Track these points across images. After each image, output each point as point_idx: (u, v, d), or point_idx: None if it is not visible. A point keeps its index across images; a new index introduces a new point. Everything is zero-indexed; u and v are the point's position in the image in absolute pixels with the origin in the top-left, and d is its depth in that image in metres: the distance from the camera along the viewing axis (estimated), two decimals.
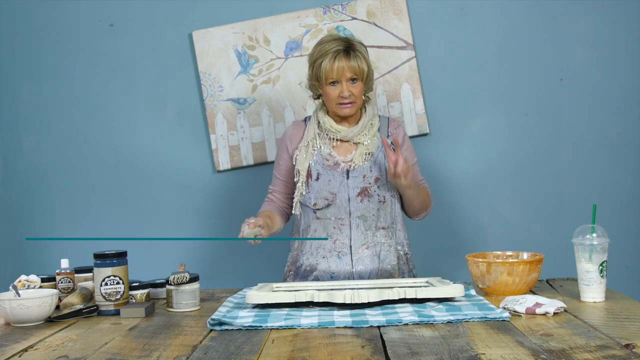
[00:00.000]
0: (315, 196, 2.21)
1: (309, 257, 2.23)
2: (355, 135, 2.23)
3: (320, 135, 2.26)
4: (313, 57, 2.21)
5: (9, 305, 1.72)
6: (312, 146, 2.25)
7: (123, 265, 1.89)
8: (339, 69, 2.15)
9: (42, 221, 2.87)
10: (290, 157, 2.29)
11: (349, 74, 2.16)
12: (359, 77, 2.18)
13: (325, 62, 2.16)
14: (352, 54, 2.17)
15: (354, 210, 2.20)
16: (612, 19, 2.78)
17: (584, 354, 1.32)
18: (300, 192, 2.23)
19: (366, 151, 2.22)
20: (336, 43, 2.18)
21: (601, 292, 1.81)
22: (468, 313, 1.65)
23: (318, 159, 2.23)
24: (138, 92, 2.87)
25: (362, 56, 2.18)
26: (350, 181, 2.20)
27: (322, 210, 2.21)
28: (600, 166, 2.80)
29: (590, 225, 1.83)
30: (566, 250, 2.00)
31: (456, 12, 2.81)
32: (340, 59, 2.15)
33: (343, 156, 2.24)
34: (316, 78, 2.21)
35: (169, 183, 2.87)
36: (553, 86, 2.80)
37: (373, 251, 2.21)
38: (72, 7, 2.86)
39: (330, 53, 2.16)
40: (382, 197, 2.21)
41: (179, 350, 1.46)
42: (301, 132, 2.30)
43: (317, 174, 2.22)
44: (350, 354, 1.37)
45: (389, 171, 2.11)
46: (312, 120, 2.29)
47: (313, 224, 2.23)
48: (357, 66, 2.16)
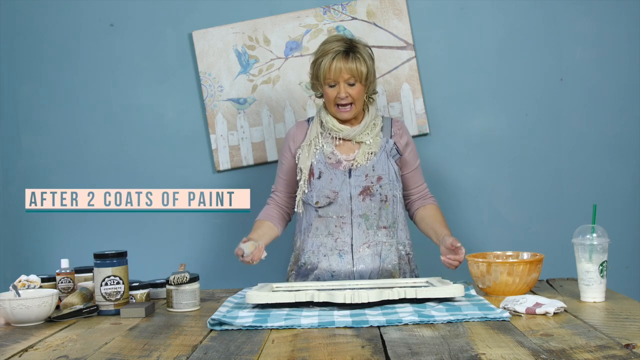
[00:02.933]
0: (317, 194, 2.21)
1: (310, 255, 2.23)
2: (358, 134, 2.23)
3: (322, 134, 2.26)
4: (315, 56, 2.23)
5: (9, 305, 1.72)
6: (314, 145, 2.25)
7: (123, 265, 1.89)
8: (335, 70, 2.16)
9: (42, 221, 2.87)
10: (293, 156, 2.29)
11: (346, 76, 2.16)
12: (357, 79, 2.17)
13: (324, 62, 2.17)
14: (352, 55, 2.17)
15: (356, 209, 2.20)
16: (612, 19, 2.78)
17: (584, 354, 1.32)
18: (303, 190, 2.23)
19: (369, 150, 2.23)
20: (338, 44, 2.18)
21: (601, 292, 1.81)
22: (468, 313, 1.65)
23: (320, 157, 2.23)
24: (138, 92, 2.87)
25: (363, 58, 2.18)
26: (352, 180, 2.21)
27: (324, 209, 2.21)
28: (600, 166, 2.79)
29: (590, 225, 1.83)
30: (566, 250, 2.00)
31: (456, 12, 2.80)
32: (339, 60, 2.16)
33: (345, 155, 2.24)
34: (316, 77, 2.23)
35: (169, 183, 2.86)
36: (553, 86, 2.80)
37: (374, 250, 2.21)
38: (72, 7, 2.86)
39: (330, 53, 2.17)
40: (384, 196, 2.21)
41: (179, 350, 1.46)
42: (304, 132, 2.30)
43: (320, 172, 2.22)
44: (350, 354, 1.37)
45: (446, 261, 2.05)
46: (315, 120, 2.29)
47: (315, 222, 2.23)
48: (355, 68, 2.15)
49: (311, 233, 2.24)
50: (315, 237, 2.23)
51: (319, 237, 2.22)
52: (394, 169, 2.24)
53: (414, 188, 2.32)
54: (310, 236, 2.24)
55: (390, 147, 2.25)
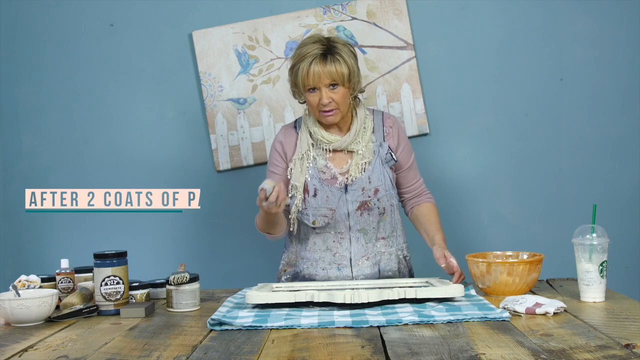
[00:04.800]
0: (313, 213, 2.14)
1: (308, 267, 2.19)
2: (349, 144, 2.13)
3: (313, 146, 2.15)
4: (292, 61, 2.09)
5: (9, 305, 1.72)
6: (306, 159, 2.15)
7: (123, 265, 1.89)
8: (314, 75, 2.03)
9: (42, 221, 2.87)
10: (284, 161, 2.19)
11: (326, 80, 2.03)
12: (339, 81, 2.04)
13: (301, 67, 2.04)
14: (330, 57, 2.03)
15: (354, 224, 2.15)
16: (612, 19, 2.78)
17: (584, 354, 1.32)
18: (298, 209, 2.14)
19: (362, 161, 2.14)
20: (315, 46, 2.05)
21: (601, 292, 1.81)
22: (468, 313, 1.65)
23: (314, 172, 2.14)
24: (138, 92, 2.86)
25: (342, 59, 2.04)
26: (349, 195, 2.14)
27: (322, 226, 2.16)
28: (600, 166, 2.79)
29: (590, 225, 1.82)
30: (566, 250, 2.00)
31: (456, 12, 2.80)
32: (317, 64, 2.02)
33: (339, 168, 2.15)
34: (294, 84, 2.10)
35: (169, 183, 2.86)
36: (553, 86, 2.80)
37: (373, 261, 2.18)
38: (72, 7, 2.86)
39: (307, 58, 2.03)
40: (382, 208, 2.16)
41: (179, 350, 1.46)
42: (293, 140, 2.19)
43: (315, 190, 2.13)
44: (350, 354, 1.37)
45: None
46: (302, 129, 2.18)
47: (312, 237, 2.18)
48: (335, 71, 2.03)
49: (308, 247, 2.19)
50: (313, 252, 2.18)
51: (317, 252, 2.18)
52: (389, 177, 2.17)
53: (409, 186, 2.26)
54: (308, 250, 2.19)
55: (384, 152, 2.16)
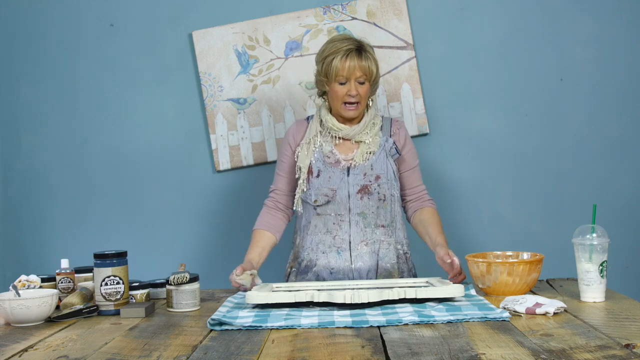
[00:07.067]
0: (315, 192, 2.22)
1: (309, 252, 2.25)
2: (357, 133, 2.24)
3: (322, 133, 2.28)
4: (324, 54, 2.22)
5: (9, 305, 1.72)
6: (313, 144, 2.26)
7: (123, 265, 1.89)
8: (350, 67, 2.17)
9: (42, 221, 2.87)
10: (293, 154, 2.30)
11: (358, 74, 2.18)
12: (368, 78, 2.20)
13: (336, 59, 2.18)
14: (364, 54, 2.20)
15: (354, 207, 2.21)
16: (612, 19, 2.78)
17: (584, 354, 1.32)
18: (302, 188, 2.24)
19: (368, 150, 2.23)
20: (348, 42, 2.20)
21: (601, 292, 1.81)
22: (468, 313, 1.65)
23: (319, 156, 2.25)
24: (138, 92, 2.87)
25: (372, 58, 2.21)
26: (350, 178, 2.21)
27: (322, 207, 2.22)
28: (600, 166, 2.79)
29: (590, 225, 1.83)
30: (566, 250, 2.00)
31: (456, 12, 2.81)
32: (352, 58, 2.18)
33: (344, 154, 2.25)
34: (325, 74, 2.22)
35: (169, 183, 2.87)
36: (553, 86, 2.80)
37: (372, 248, 2.22)
38: (72, 7, 2.86)
39: (342, 51, 2.18)
40: (383, 195, 2.22)
41: (179, 350, 1.46)
42: (303, 130, 2.32)
43: (318, 171, 2.23)
44: (350, 354, 1.37)
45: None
46: (315, 118, 2.31)
47: (313, 220, 2.24)
48: (368, 67, 2.19)
49: (310, 231, 2.25)
50: (314, 235, 2.24)
51: (317, 234, 2.23)
52: (392, 169, 2.24)
53: (412, 188, 2.32)
54: (309, 234, 2.25)
55: (389, 146, 2.26)
